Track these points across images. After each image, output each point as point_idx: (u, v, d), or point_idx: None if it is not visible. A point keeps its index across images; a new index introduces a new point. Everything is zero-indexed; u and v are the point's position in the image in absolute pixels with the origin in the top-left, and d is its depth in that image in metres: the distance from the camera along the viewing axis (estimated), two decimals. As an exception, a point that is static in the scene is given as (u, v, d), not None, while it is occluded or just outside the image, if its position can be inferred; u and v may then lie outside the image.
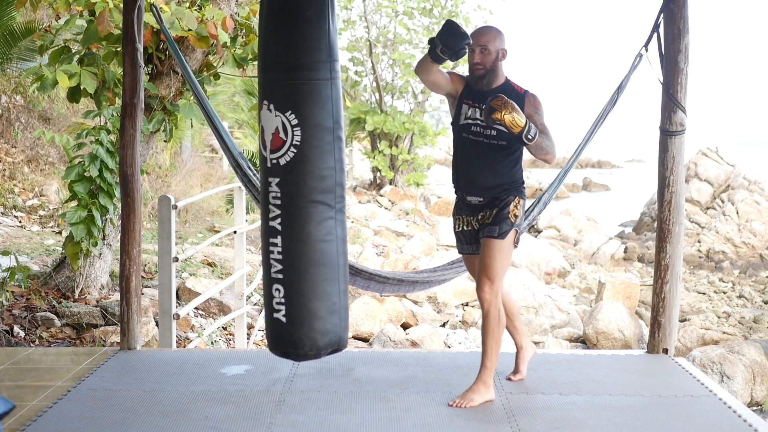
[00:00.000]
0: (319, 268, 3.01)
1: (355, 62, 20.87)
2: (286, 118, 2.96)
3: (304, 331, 3.02)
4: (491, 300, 3.56)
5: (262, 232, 3.07)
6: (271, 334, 3.08)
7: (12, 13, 8.12)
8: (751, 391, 7.75)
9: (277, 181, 2.99)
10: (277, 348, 3.09)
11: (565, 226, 19.77)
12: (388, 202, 18.74)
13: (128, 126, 4.47)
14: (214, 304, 7.03)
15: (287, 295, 3.02)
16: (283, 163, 2.98)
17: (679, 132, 4.22)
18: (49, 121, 11.88)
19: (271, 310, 3.05)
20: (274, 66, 2.99)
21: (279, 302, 3.02)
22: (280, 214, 2.99)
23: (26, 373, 4.07)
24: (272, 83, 3.01)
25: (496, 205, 3.62)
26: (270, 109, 2.99)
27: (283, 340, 3.05)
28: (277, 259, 3.01)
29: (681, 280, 4.40)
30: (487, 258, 3.58)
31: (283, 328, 3.03)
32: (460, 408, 3.56)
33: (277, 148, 2.98)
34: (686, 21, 4.16)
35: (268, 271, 3.04)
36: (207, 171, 14.57)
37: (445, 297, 9.57)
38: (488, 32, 3.62)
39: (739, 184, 20.00)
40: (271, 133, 2.99)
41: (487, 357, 3.62)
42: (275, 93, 3.00)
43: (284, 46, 2.96)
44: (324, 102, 2.97)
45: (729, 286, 14.70)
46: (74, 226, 5.79)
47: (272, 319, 3.05)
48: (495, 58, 3.60)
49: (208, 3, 5.92)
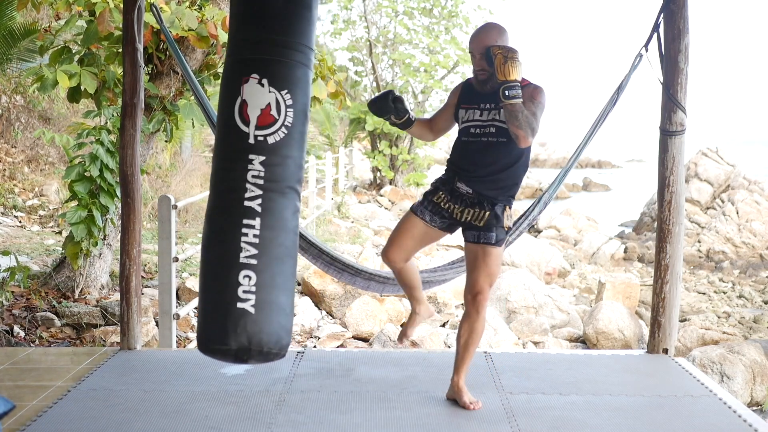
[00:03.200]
0: (290, 261, 2.84)
1: (355, 62, 20.88)
2: (282, 97, 2.84)
3: (271, 327, 2.75)
4: (480, 306, 3.54)
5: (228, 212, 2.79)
6: (225, 328, 2.71)
7: (12, 13, 8.12)
8: (751, 391, 7.75)
9: (261, 159, 2.79)
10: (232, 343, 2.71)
11: (565, 226, 19.77)
12: (388, 202, 18.74)
13: (128, 126, 4.47)
14: (214, 304, 7.02)
15: (259, 284, 2.74)
16: (271, 142, 2.81)
17: (679, 132, 4.22)
18: (49, 121, 11.89)
19: (233, 298, 2.72)
20: (273, 41, 2.84)
21: (247, 291, 2.72)
22: (261, 195, 2.78)
23: (26, 373, 4.07)
24: (267, 58, 2.84)
25: (485, 208, 3.55)
26: (262, 84, 2.82)
27: (245, 333, 2.71)
28: (251, 242, 2.75)
29: (681, 280, 4.40)
30: (483, 265, 3.54)
31: (249, 319, 2.71)
32: (464, 408, 3.55)
33: (267, 125, 2.82)
34: (686, 21, 4.16)
35: (236, 256, 2.73)
36: (207, 171, 14.56)
37: (445, 297, 9.57)
38: (486, 36, 3.53)
39: (739, 184, 20.00)
40: (261, 108, 2.81)
41: (464, 363, 3.58)
42: (270, 68, 2.84)
43: (287, 24, 2.85)
44: (308, 90, 2.92)
45: (729, 286, 14.70)
46: (74, 226, 5.79)
47: (233, 309, 2.71)
48: None
49: (208, 3, 5.93)
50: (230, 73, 2.90)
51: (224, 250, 2.76)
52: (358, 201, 18.20)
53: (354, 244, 11.99)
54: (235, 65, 2.88)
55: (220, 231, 2.80)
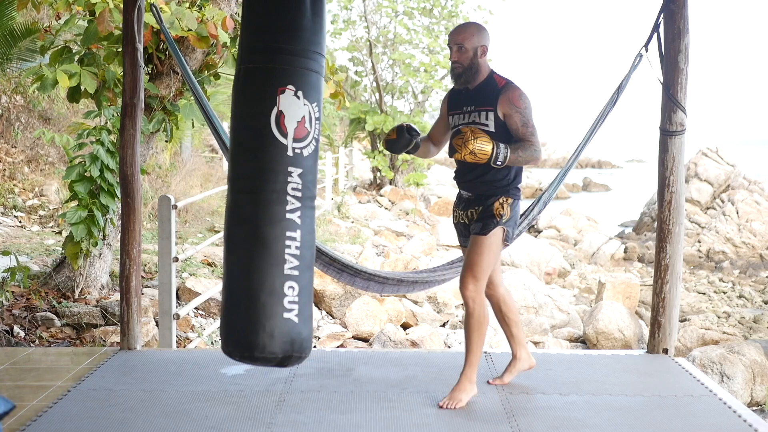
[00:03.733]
0: (313, 269, 2.90)
1: (355, 62, 20.87)
2: (312, 110, 2.85)
3: (308, 333, 2.84)
4: (475, 297, 3.55)
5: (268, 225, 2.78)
6: (274, 336, 2.77)
7: (12, 13, 8.12)
8: (751, 391, 7.75)
9: (299, 171, 2.81)
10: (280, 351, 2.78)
11: (565, 226, 19.77)
12: (388, 202, 18.74)
13: (128, 126, 4.47)
14: (214, 304, 7.03)
15: (300, 293, 2.80)
16: (305, 154, 2.83)
17: (679, 132, 4.22)
18: (49, 121, 11.88)
19: (280, 308, 2.77)
20: (306, 52, 2.83)
21: (292, 301, 2.78)
22: (300, 207, 2.81)
23: (26, 373, 4.07)
24: (302, 70, 2.83)
25: (483, 202, 3.62)
26: (298, 96, 2.82)
27: (290, 341, 2.79)
28: (294, 254, 2.79)
29: (681, 280, 4.40)
30: (472, 255, 3.57)
31: (294, 330, 2.78)
32: (453, 408, 3.55)
33: (302, 137, 2.83)
34: (686, 21, 4.16)
35: (280, 268, 2.77)
36: (207, 171, 14.57)
37: (445, 297, 9.57)
38: (465, 30, 3.58)
39: (739, 184, 20.00)
40: (297, 121, 2.82)
41: (472, 354, 3.61)
42: (305, 81, 2.84)
43: (317, 36, 2.86)
44: None
45: (729, 286, 14.70)
46: (74, 226, 5.79)
47: (281, 320, 2.76)
48: (473, 56, 3.55)
49: (208, 3, 5.92)
50: (259, 80, 2.84)
51: (270, 261, 2.78)
52: (358, 201, 18.19)
53: (354, 244, 11.98)
54: (264, 73, 2.83)
55: (264, 240, 2.79)
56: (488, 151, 3.38)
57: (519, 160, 3.45)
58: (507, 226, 3.60)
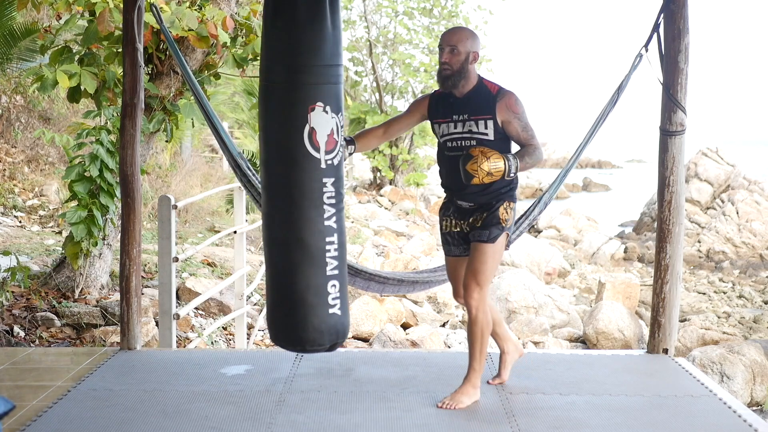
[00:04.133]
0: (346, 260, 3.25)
1: (355, 62, 20.89)
2: (339, 120, 3.10)
3: (348, 320, 3.25)
4: (479, 306, 3.53)
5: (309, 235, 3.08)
6: (325, 331, 3.14)
7: (12, 13, 8.12)
8: (751, 391, 7.75)
9: (332, 181, 3.10)
10: (333, 341, 3.18)
11: (565, 226, 19.77)
12: (388, 202, 18.75)
13: (128, 126, 4.47)
14: (214, 304, 7.03)
15: (341, 289, 3.18)
16: (335, 163, 3.11)
17: (679, 132, 4.22)
18: (49, 121, 11.88)
19: (325, 307, 3.13)
20: (324, 68, 3.05)
21: (335, 297, 3.15)
22: (335, 213, 3.12)
23: (26, 373, 4.07)
24: (324, 84, 3.05)
25: (487, 209, 3.56)
26: (326, 111, 3.06)
27: (338, 332, 3.18)
28: (333, 256, 3.13)
29: (681, 280, 4.40)
30: (477, 262, 3.53)
31: (338, 321, 3.16)
32: (452, 409, 3.55)
33: (332, 149, 3.09)
34: (686, 21, 4.16)
35: (323, 271, 3.11)
36: (207, 171, 14.58)
37: (445, 297, 9.57)
38: (459, 33, 3.55)
39: (739, 184, 20.00)
40: (327, 135, 3.07)
41: (475, 360, 3.61)
42: (329, 94, 3.07)
43: (333, 48, 3.06)
44: None
45: (729, 286, 14.70)
46: (74, 226, 5.79)
47: (326, 315, 3.13)
48: (464, 60, 3.50)
49: (208, 3, 5.92)
50: (289, 98, 3.06)
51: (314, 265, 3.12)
52: (358, 201, 18.21)
53: (354, 244, 11.99)
54: (294, 91, 3.06)
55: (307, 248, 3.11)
56: (502, 167, 3.38)
57: (527, 165, 3.47)
58: (509, 230, 3.62)
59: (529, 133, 3.49)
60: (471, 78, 3.53)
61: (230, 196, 10.74)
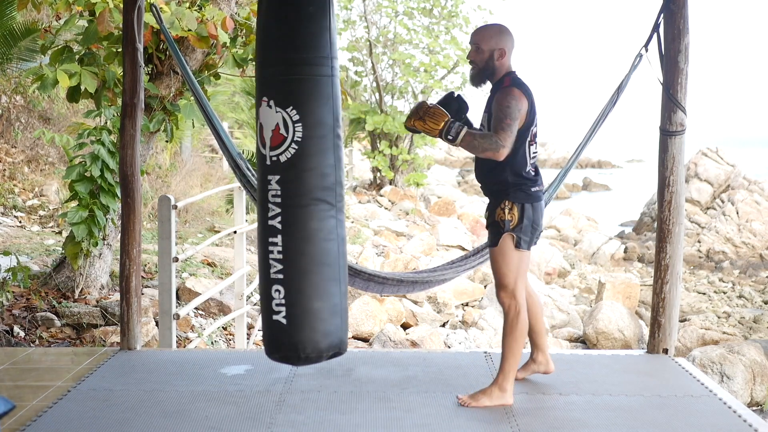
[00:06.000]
0: (322, 268, 2.95)
1: (355, 62, 20.88)
2: (287, 114, 2.92)
3: (305, 334, 2.94)
4: (509, 302, 3.55)
5: (260, 233, 3.00)
6: (269, 338, 3.00)
7: (12, 13, 8.12)
8: (751, 391, 7.75)
9: (276, 178, 2.93)
10: (276, 352, 3.00)
11: (565, 226, 19.78)
12: (388, 202, 18.75)
13: (128, 126, 4.47)
14: (214, 304, 7.03)
15: (287, 296, 2.93)
16: (283, 160, 2.92)
17: (679, 132, 4.22)
18: (49, 121, 11.88)
19: (269, 312, 2.97)
20: (274, 62, 2.95)
21: (279, 303, 2.94)
22: (280, 213, 2.93)
23: (26, 373, 4.07)
24: (272, 79, 2.95)
25: (490, 209, 3.61)
26: (270, 105, 2.94)
27: (282, 343, 2.97)
28: (276, 258, 2.93)
29: (681, 280, 4.40)
30: (492, 265, 3.63)
31: (282, 330, 2.95)
32: (463, 407, 3.55)
33: (278, 144, 2.92)
34: (686, 21, 4.16)
35: (267, 272, 2.96)
36: (207, 171, 14.58)
37: (445, 297, 9.57)
38: (483, 31, 3.56)
39: (739, 184, 20.01)
40: (271, 130, 2.93)
41: (504, 360, 3.57)
42: (276, 89, 2.95)
43: (286, 42, 2.92)
44: (325, 99, 2.95)
45: (729, 286, 14.70)
46: (75, 226, 5.79)
47: (271, 321, 2.97)
48: (488, 57, 3.49)
49: (208, 3, 5.92)
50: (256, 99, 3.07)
51: (262, 268, 3.01)
52: (358, 201, 18.20)
53: (354, 244, 11.99)
54: (257, 92, 3.06)
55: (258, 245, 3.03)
56: (438, 126, 3.35)
57: (474, 144, 3.35)
58: (516, 232, 3.50)
59: (499, 125, 3.37)
60: (499, 74, 3.53)
61: (230, 196, 10.74)
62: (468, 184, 30.82)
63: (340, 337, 3.01)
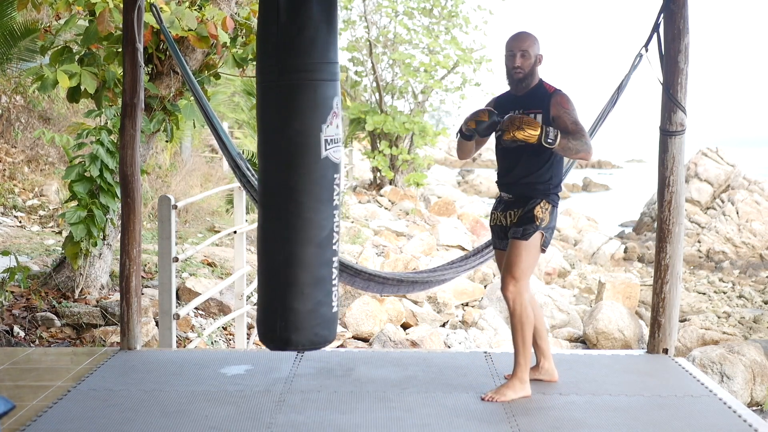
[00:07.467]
0: None
1: (355, 62, 20.87)
2: None
3: None
4: (515, 297, 3.63)
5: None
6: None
7: (12, 13, 8.12)
8: (751, 391, 7.75)
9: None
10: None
11: (565, 226, 19.77)
12: (388, 202, 18.75)
13: (128, 126, 4.47)
14: (214, 304, 7.03)
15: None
16: None
17: (679, 132, 4.22)
18: (49, 121, 11.89)
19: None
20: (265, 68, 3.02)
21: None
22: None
23: (26, 373, 4.07)
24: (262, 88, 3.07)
25: (522, 205, 3.68)
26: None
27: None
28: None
29: (681, 280, 4.40)
30: (511, 257, 3.66)
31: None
32: (494, 402, 3.59)
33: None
34: (686, 21, 4.16)
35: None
36: (207, 171, 14.57)
37: (445, 297, 9.57)
38: (528, 38, 3.70)
39: (739, 184, 20.00)
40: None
41: (519, 353, 3.67)
42: None
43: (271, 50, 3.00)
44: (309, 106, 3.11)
45: (729, 286, 14.70)
46: (74, 226, 5.79)
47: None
48: (533, 63, 3.68)
49: (208, 3, 5.92)
50: None
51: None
52: (358, 201, 18.20)
53: (354, 244, 11.98)
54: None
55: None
56: (536, 133, 3.44)
57: (569, 146, 3.50)
58: (545, 231, 3.67)
59: (579, 127, 3.57)
60: (535, 79, 3.71)
61: (230, 196, 10.74)
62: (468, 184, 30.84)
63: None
